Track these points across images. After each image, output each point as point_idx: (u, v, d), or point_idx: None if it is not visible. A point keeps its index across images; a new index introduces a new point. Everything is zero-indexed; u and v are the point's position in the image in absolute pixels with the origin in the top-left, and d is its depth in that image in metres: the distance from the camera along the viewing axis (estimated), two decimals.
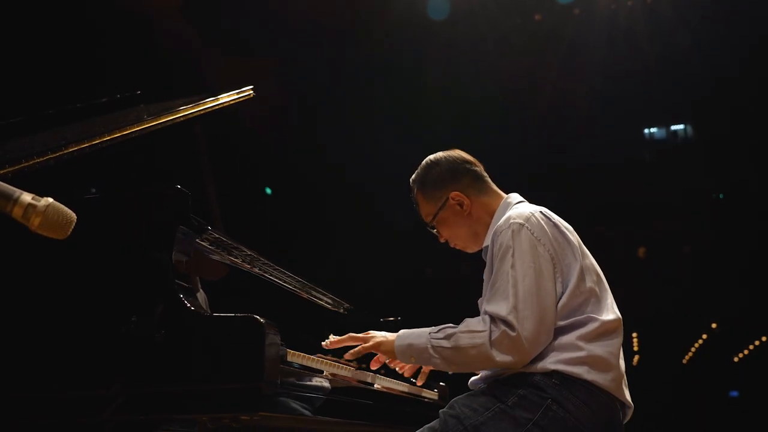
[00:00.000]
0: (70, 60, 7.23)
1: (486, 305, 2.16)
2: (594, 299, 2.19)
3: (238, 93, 2.85)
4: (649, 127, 15.19)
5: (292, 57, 10.21)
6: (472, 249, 2.54)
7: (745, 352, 18.73)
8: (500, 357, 2.07)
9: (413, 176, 2.55)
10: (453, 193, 2.43)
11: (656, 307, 14.42)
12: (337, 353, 2.40)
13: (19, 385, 1.91)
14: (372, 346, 2.29)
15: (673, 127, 15.20)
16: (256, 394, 1.72)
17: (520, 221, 2.20)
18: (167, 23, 8.73)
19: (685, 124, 14.98)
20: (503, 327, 2.08)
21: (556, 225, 2.27)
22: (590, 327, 2.14)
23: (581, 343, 2.12)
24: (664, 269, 14.76)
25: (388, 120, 11.19)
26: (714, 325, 17.54)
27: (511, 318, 2.08)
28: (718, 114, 12.27)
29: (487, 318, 2.13)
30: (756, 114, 11.51)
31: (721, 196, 14.63)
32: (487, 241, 2.33)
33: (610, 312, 2.21)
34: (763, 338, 17.57)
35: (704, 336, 18.45)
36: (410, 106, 11.07)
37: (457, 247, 2.56)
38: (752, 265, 13.63)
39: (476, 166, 2.51)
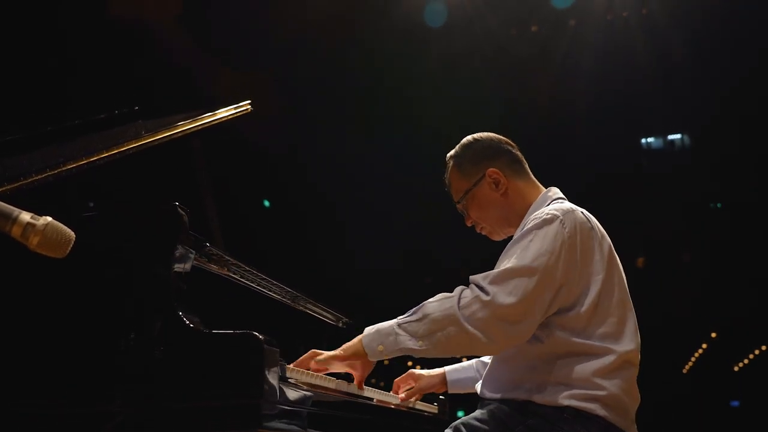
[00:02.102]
0: (67, 75, 7.25)
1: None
2: (615, 320, 2.08)
3: (236, 108, 2.84)
4: (646, 137, 15.24)
5: (290, 68, 10.23)
6: (498, 235, 2.41)
7: (746, 361, 18.70)
8: (471, 330, 1.94)
9: (451, 152, 2.44)
10: (490, 170, 2.32)
11: (656, 317, 14.40)
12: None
13: (17, 402, 1.91)
14: (337, 356, 2.10)
15: (671, 137, 15.25)
16: (256, 411, 1.72)
17: (556, 212, 2.08)
18: (165, 36, 8.76)
19: (682, 133, 15.03)
20: (477, 291, 1.97)
21: (593, 228, 2.15)
22: (607, 360, 2.03)
23: (598, 380, 2.01)
24: (663, 278, 14.76)
25: (386, 128, 11.21)
26: (714, 334, 17.53)
27: (486, 284, 1.97)
28: (715, 123, 12.31)
29: (462, 286, 2.03)
30: (753, 123, 11.55)
31: (719, 205, 14.66)
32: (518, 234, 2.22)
33: (631, 339, 2.10)
34: (764, 347, 17.54)
35: (704, 345, 18.43)
36: (407, 115, 11.10)
37: (483, 232, 2.43)
38: (751, 274, 13.63)
39: (516, 149, 2.42)
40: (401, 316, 2.08)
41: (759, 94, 10.94)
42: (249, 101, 2.91)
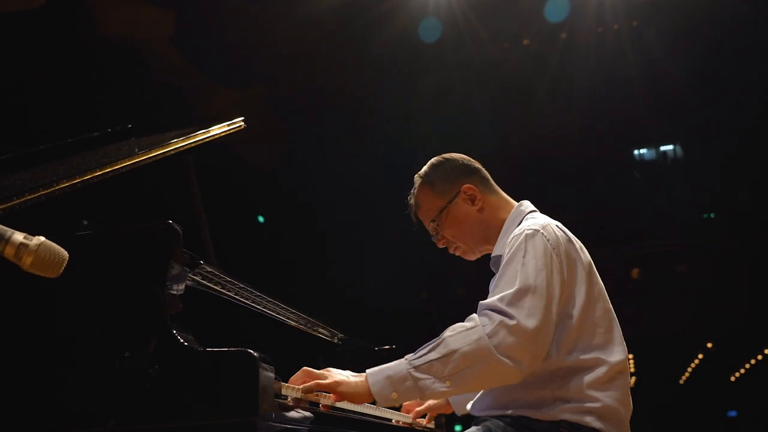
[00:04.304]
0: (61, 94, 7.25)
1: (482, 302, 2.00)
2: (602, 331, 2.08)
3: (229, 125, 2.83)
4: (638, 148, 15.31)
5: (283, 85, 10.26)
6: (474, 254, 2.39)
7: (742, 371, 18.70)
8: (502, 359, 1.87)
9: (420, 172, 2.41)
10: (465, 186, 2.31)
11: (651, 328, 14.42)
12: None
13: (12, 424, 1.89)
14: (329, 385, 1.96)
15: (663, 148, 15.33)
16: (251, 429, 1.71)
17: (536, 228, 2.08)
18: (158, 54, 8.78)
19: (674, 144, 15.11)
20: (499, 317, 1.90)
21: (570, 240, 2.15)
22: (599, 372, 2.02)
23: (591, 393, 2.01)
24: (658, 289, 14.78)
25: (381, 143, 11.24)
26: (710, 345, 17.54)
27: (505, 306, 1.91)
28: (707, 133, 12.39)
29: (473, 315, 1.97)
30: (745, 132, 11.62)
31: (712, 215, 14.72)
32: (499, 251, 2.22)
33: (620, 348, 2.10)
34: (760, 356, 17.55)
35: (700, 356, 18.44)
36: (402, 129, 11.13)
37: (457, 252, 2.40)
38: (746, 283, 13.66)
39: (483, 169, 2.42)
40: (411, 357, 1.94)
41: (751, 102, 11.01)
42: (242, 118, 2.91)
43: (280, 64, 9.88)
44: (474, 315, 1.98)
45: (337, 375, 2.00)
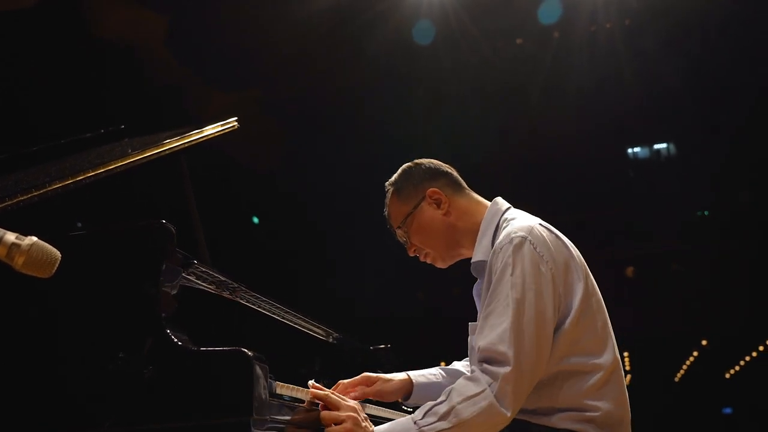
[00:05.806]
0: (54, 95, 7.24)
1: (479, 338, 1.96)
2: (596, 328, 2.03)
3: (222, 125, 2.83)
4: (632, 147, 15.34)
5: (279, 86, 10.25)
6: (444, 261, 2.33)
7: (737, 368, 18.76)
8: (510, 411, 1.87)
9: (390, 179, 2.39)
10: (430, 191, 2.26)
11: (646, 326, 14.45)
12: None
13: (6, 425, 1.89)
14: (345, 417, 1.91)
15: (656, 146, 15.36)
16: (246, 429, 1.70)
17: (523, 234, 2.01)
18: (153, 57, 8.77)
19: (667, 142, 15.15)
20: (501, 370, 1.88)
21: (558, 237, 2.10)
22: (594, 378, 1.99)
23: (590, 402, 1.97)
24: (653, 288, 14.81)
25: (376, 143, 11.24)
26: (704, 342, 17.59)
27: (506, 349, 1.89)
28: (700, 131, 12.42)
29: (477, 372, 1.93)
30: (738, 129, 11.65)
31: (706, 213, 14.75)
32: (481, 256, 2.15)
33: (610, 346, 2.05)
34: (754, 353, 17.61)
35: (695, 353, 18.48)
36: (398, 130, 11.13)
37: (428, 260, 2.34)
38: (741, 281, 13.70)
39: (454, 172, 2.37)
40: (420, 421, 1.89)
41: (742, 100, 11.04)
42: (235, 118, 2.91)
43: (275, 66, 9.88)
44: (477, 373, 1.93)
45: (359, 416, 1.94)
